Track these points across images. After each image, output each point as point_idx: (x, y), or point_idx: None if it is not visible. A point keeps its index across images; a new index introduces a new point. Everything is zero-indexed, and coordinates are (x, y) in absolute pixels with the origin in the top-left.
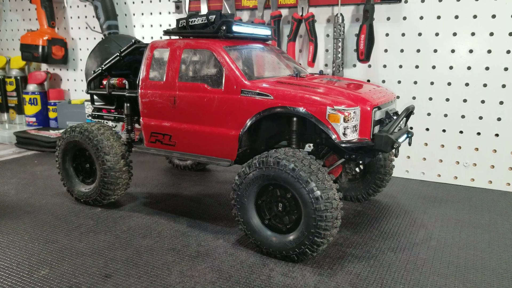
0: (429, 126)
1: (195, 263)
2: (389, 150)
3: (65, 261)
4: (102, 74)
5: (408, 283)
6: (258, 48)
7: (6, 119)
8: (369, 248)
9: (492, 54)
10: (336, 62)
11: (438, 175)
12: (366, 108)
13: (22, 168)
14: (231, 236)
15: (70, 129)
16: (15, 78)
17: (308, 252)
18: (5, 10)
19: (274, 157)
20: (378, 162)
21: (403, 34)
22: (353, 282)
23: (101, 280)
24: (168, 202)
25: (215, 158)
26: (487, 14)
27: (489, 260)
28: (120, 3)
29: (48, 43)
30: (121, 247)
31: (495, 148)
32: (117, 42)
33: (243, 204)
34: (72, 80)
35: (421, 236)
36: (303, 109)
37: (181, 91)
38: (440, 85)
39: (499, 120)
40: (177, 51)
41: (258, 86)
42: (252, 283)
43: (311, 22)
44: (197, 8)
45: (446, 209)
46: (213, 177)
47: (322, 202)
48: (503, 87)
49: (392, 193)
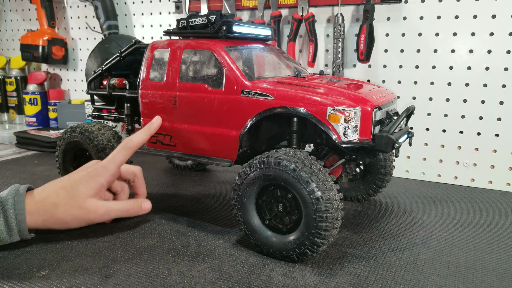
0: (429, 126)
1: (195, 263)
2: (389, 150)
3: (65, 261)
4: (102, 74)
5: (408, 283)
6: (259, 48)
7: (6, 119)
8: (369, 248)
9: (492, 54)
10: (336, 62)
11: (438, 175)
12: (366, 109)
13: (22, 168)
14: (231, 236)
15: (71, 129)
16: (15, 78)
17: (308, 253)
18: (5, 10)
19: (275, 157)
20: (379, 163)
21: (403, 34)
22: (353, 282)
23: (101, 280)
24: (168, 202)
25: (216, 158)
26: (487, 14)
27: (489, 260)
28: (120, 3)
29: (48, 43)
30: (121, 247)
31: (495, 148)
32: (117, 42)
33: (243, 204)
34: (72, 80)
35: (421, 236)
36: (303, 110)
37: (181, 91)
38: (440, 85)
39: (499, 120)
40: (177, 51)
41: (259, 87)
42: (252, 283)
43: (311, 22)
44: (197, 8)
45: (446, 209)
46: (213, 177)
47: (323, 203)
48: (503, 87)
49: (392, 193)
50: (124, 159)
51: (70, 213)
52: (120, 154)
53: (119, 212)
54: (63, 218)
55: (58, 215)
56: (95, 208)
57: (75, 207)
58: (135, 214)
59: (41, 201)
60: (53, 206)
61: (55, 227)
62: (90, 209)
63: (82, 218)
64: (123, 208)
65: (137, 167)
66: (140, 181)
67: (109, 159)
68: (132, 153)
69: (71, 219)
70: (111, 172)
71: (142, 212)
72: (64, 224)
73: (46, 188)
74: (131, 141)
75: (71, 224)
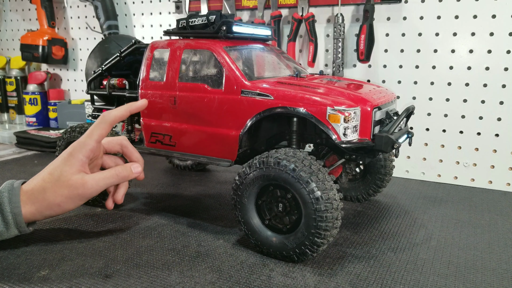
0: (429, 126)
1: (195, 263)
2: (389, 150)
3: (65, 261)
4: (102, 74)
5: (408, 283)
6: (258, 48)
7: (6, 119)
8: (369, 248)
9: (492, 54)
10: (336, 62)
11: (438, 175)
12: (366, 109)
13: (22, 168)
14: (231, 236)
15: (71, 129)
16: (15, 78)
17: (308, 253)
18: (5, 10)
19: (275, 157)
20: (378, 162)
21: (403, 34)
22: (353, 282)
23: (101, 280)
24: (168, 202)
25: (215, 158)
26: (487, 14)
27: (489, 260)
28: (120, 3)
29: (48, 43)
30: (121, 247)
31: (495, 148)
32: (117, 42)
33: (243, 204)
34: (72, 80)
35: (421, 236)
36: (303, 110)
37: (181, 91)
38: (440, 85)
39: (499, 120)
40: (177, 51)
41: (259, 87)
42: (252, 283)
43: (311, 22)
44: (197, 8)
45: (446, 209)
46: (213, 177)
47: (323, 203)
48: (503, 87)
49: (392, 193)
50: (102, 133)
51: (59, 193)
52: (98, 128)
53: (108, 179)
54: (54, 200)
55: (49, 199)
56: (81, 182)
57: (63, 187)
58: (126, 179)
59: (31, 190)
60: (41, 191)
61: (51, 212)
62: (77, 184)
63: (73, 195)
64: (111, 174)
65: (121, 137)
66: (130, 149)
67: (86, 134)
68: (111, 127)
69: (62, 199)
70: (89, 147)
71: (133, 175)
72: (57, 207)
73: (34, 178)
74: (108, 114)
75: (64, 205)
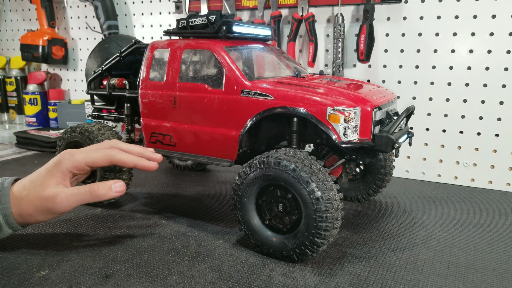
0: (429, 126)
1: (195, 263)
2: (389, 150)
3: (65, 261)
4: (102, 74)
5: (408, 283)
6: (258, 48)
7: (6, 119)
8: (369, 248)
9: (492, 54)
10: (336, 62)
11: (438, 175)
12: (366, 109)
13: (22, 168)
14: (231, 236)
15: (71, 129)
16: (15, 78)
17: (308, 253)
18: (5, 10)
19: (275, 157)
20: (379, 163)
21: (403, 34)
22: (353, 282)
23: (101, 280)
24: (168, 202)
25: (216, 158)
26: (487, 14)
27: (489, 260)
28: (120, 3)
29: (48, 43)
30: (121, 247)
31: (495, 148)
32: (117, 42)
33: (243, 204)
34: (72, 80)
35: (421, 236)
36: (303, 110)
37: (181, 91)
38: (440, 85)
39: (499, 120)
40: (177, 51)
41: (259, 87)
42: (252, 283)
43: (311, 22)
44: (197, 8)
45: (446, 209)
46: (213, 177)
47: (323, 203)
48: (503, 87)
49: (392, 193)
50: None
51: (32, 203)
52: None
53: (80, 196)
54: (27, 210)
55: (22, 208)
56: (52, 196)
57: (35, 197)
58: (101, 198)
59: (14, 192)
60: (19, 198)
61: (25, 221)
62: (47, 197)
63: (42, 209)
64: (84, 191)
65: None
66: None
67: (82, 150)
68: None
69: (33, 210)
70: (74, 163)
71: (112, 194)
72: (29, 216)
73: (22, 180)
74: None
75: (36, 216)
